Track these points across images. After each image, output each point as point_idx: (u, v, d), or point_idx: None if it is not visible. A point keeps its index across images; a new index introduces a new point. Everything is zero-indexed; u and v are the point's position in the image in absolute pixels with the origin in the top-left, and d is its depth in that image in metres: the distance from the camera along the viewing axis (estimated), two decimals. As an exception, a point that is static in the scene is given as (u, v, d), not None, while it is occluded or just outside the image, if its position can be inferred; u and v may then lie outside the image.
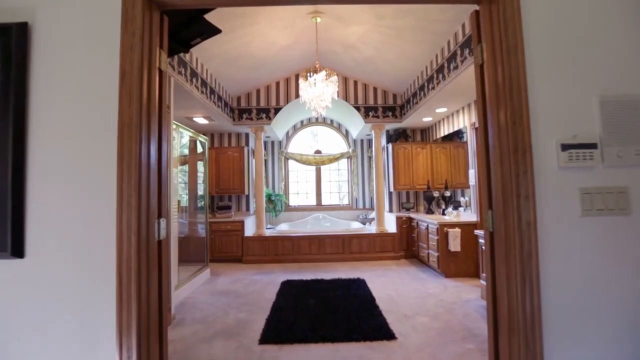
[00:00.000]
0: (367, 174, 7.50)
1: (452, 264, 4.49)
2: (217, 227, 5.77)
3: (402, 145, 6.18)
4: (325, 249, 5.71)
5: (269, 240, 5.71)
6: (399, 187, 6.12)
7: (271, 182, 7.44)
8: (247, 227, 5.93)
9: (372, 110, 5.93)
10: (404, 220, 5.86)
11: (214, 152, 6.19)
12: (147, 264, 1.30)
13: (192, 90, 3.99)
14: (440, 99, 4.48)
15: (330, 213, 7.37)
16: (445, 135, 6.00)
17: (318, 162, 7.40)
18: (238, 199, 6.48)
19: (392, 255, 5.74)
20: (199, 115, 5.08)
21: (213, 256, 5.77)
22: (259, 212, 5.82)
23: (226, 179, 6.15)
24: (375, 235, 5.76)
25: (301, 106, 6.15)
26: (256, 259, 5.69)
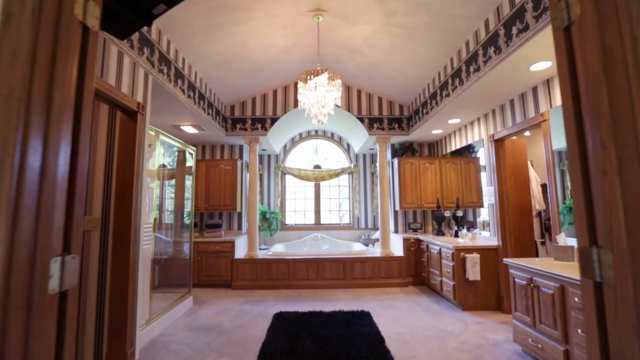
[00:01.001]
0: (369, 191, 6.99)
1: (471, 294, 3.91)
2: (204, 248, 5.19)
3: (408, 160, 5.70)
4: (325, 273, 5.12)
5: (262, 263, 5.13)
6: (405, 206, 5.60)
7: (266, 199, 6.91)
8: (238, 248, 5.36)
9: (377, 121, 5.48)
10: (412, 242, 5.31)
11: (204, 164, 5.69)
12: (27, 334, 0.76)
13: (177, 93, 3.52)
14: (454, 107, 4.03)
15: (330, 233, 6.81)
16: (454, 150, 5.54)
17: (317, 177, 6.90)
18: (229, 217, 5.93)
19: (399, 281, 5.15)
20: (187, 123, 4.60)
21: (199, 280, 5.16)
22: (252, 231, 5.27)
23: (217, 194, 5.62)
24: (380, 259, 5.19)
25: (300, 117, 5.70)
26: (247, 284, 5.09)
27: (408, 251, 5.30)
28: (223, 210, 5.61)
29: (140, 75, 2.77)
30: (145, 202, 3.02)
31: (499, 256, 3.92)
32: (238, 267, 5.13)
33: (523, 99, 3.47)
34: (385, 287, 5.10)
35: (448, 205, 5.56)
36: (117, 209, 2.54)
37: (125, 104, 2.48)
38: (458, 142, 5.15)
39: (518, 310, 2.71)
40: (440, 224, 5.42)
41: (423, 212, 5.98)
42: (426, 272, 4.94)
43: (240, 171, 5.92)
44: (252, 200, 5.32)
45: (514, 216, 4.07)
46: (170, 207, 5.12)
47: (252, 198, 5.33)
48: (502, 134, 3.89)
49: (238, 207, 5.70)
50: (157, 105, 3.77)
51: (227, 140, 5.74)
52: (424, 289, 5.01)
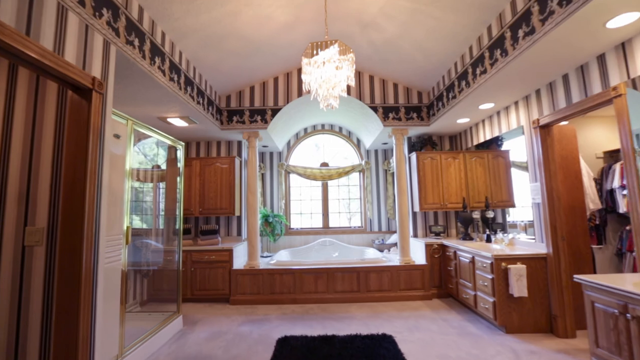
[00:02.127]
0: (383, 190, 6.32)
1: (515, 313, 3.22)
2: (198, 257, 4.57)
3: (428, 155, 5.02)
4: (336, 285, 4.46)
5: (264, 274, 4.49)
6: (426, 207, 4.92)
7: (269, 201, 6.27)
8: (236, 257, 4.72)
9: (393, 111, 4.81)
10: (436, 248, 4.62)
11: (198, 163, 5.07)
12: None
13: (154, 74, 2.89)
14: (490, 89, 3.35)
15: (340, 237, 6.14)
16: (480, 143, 4.85)
17: (325, 176, 6.25)
18: (227, 222, 5.30)
19: (422, 294, 4.47)
20: (174, 114, 3.98)
21: (193, 295, 4.53)
22: (252, 238, 4.63)
23: (212, 196, 5.00)
24: (400, 268, 4.51)
25: (304, 107, 5.05)
26: (247, 299, 4.45)
27: (431, 258, 4.62)
28: (220, 215, 4.98)
29: (96, 43, 2.14)
30: (112, 206, 2.39)
31: (548, 267, 3.23)
32: (237, 279, 4.49)
33: (583, 72, 2.78)
34: (407, 301, 4.42)
35: (474, 206, 4.87)
36: (64, 216, 1.91)
37: (70, 76, 1.85)
38: (488, 132, 4.45)
39: (602, 347, 2.02)
40: (467, 227, 4.73)
41: (445, 213, 5.29)
42: (454, 284, 4.25)
43: (239, 170, 5.29)
44: (252, 203, 4.68)
45: (566, 218, 3.37)
46: (155, 211, 4.51)
47: (252, 200, 4.68)
48: (549, 118, 3.20)
49: (237, 210, 5.06)
50: (133, 90, 3.15)
51: (223, 136, 5.11)
52: (452, 302, 4.32)
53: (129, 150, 2.68)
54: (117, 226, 2.46)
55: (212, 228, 4.88)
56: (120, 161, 2.54)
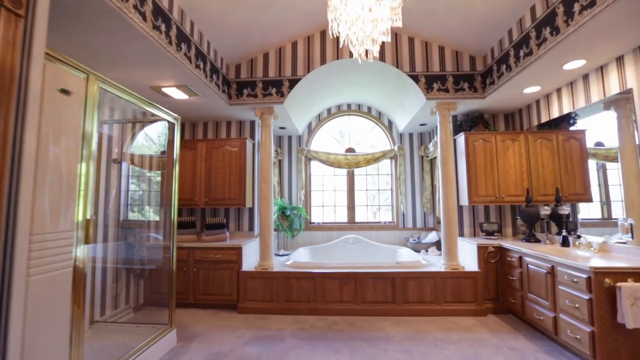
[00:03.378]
0: (418, 180, 5.40)
1: (625, 350, 2.29)
2: (202, 256, 3.87)
3: (480, 136, 4.08)
4: (366, 294, 3.64)
5: (279, 278, 3.73)
6: (476, 200, 3.99)
7: (287, 191, 5.50)
8: (246, 257, 3.99)
9: (438, 80, 3.88)
10: (492, 252, 3.69)
11: (204, 145, 4.35)
12: None
13: (126, 13, 2.14)
14: (598, 30, 2.37)
15: (367, 234, 5.30)
16: (544, 123, 3.87)
17: (351, 164, 5.40)
18: (237, 215, 4.58)
19: (473, 308, 3.57)
20: (168, 82, 3.25)
21: (196, 300, 3.85)
22: (265, 234, 3.87)
23: (220, 184, 4.27)
24: (446, 275, 3.63)
25: (328, 81, 4.21)
26: (258, 307, 3.71)
27: (485, 264, 3.70)
28: (229, 206, 4.26)
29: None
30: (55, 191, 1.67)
31: (675, 286, 2.27)
32: (246, 283, 3.76)
33: None
34: (453, 316, 3.55)
35: (538, 199, 3.90)
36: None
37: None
38: (566, 104, 3.45)
39: None
40: (532, 226, 3.76)
41: (498, 208, 4.32)
42: (518, 298, 3.33)
43: (252, 154, 4.54)
44: (265, 192, 3.91)
45: (702, 217, 2.38)
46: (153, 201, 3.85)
47: (266, 189, 3.92)
48: (683, 73, 2.20)
49: (248, 201, 4.32)
50: (106, 44, 2.41)
51: (233, 114, 4.36)
52: (513, 321, 3.40)
53: (91, 115, 1.95)
54: (65, 219, 1.74)
55: (218, 222, 4.17)
56: (72, 129, 1.81)
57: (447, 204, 3.79)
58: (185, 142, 4.38)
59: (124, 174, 3.67)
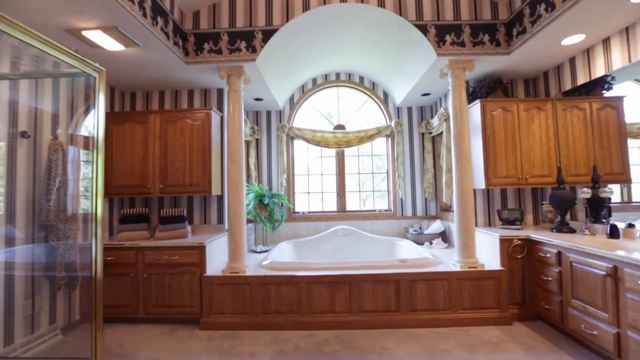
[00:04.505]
0: (418, 161, 4.66)
1: None
2: (155, 258, 3.02)
3: (499, 104, 3.34)
4: (363, 301, 2.90)
5: (253, 284, 2.93)
6: (495, 182, 3.28)
7: (266, 176, 4.67)
8: (212, 257, 3.17)
9: (452, 31, 3.08)
10: (517, 245, 2.99)
11: (158, 118, 3.45)
12: None
13: None
14: None
15: (361, 224, 4.55)
16: (569, 90, 3.20)
17: (341, 143, 4.60)
18: (204, 205, 3.73)
19: (496, 315, 2.88)
20: (90, 22, 2.33)
21: (147, 314, 3.02)
22: (235, 228, 3.04)
23: (179, 167, 3.40)
24: (463, 276, 2.92)
25: (313, 38, 3.34)
26: (226, 322, 2.91)
27: (509, 261, 3.00)
28: (191, 194, 3.40)
29: None
30: None
31: None
32: (212, 292, 2.95)
33: None
34: (473, 326, 2.85)
35: (569, 180, 3.22)
36: None
37: None
38: (617, 58, 2.71)
39: None
40: (565, 213, 3.07)
41: (517, 192, 3.63)
42: (555, 304, 2.64)
43: (219, 130, 3.66)
44: (234, 176, 3.07)
45: None
46: (82, 188, 2.97)
47: (234, 172, 3.07)
48: None
49: (215, 188, 3.47)
50: None
51: (194, 77, 3.46)
52: (546, 330, 2.73)
53: None
54: None
55: (176, 214, 3.31)
56: None
57: (462, 188, 3.05)
58: (134, 115, 3.46)
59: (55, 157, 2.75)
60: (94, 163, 2.12)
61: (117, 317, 3.05)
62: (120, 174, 3.40)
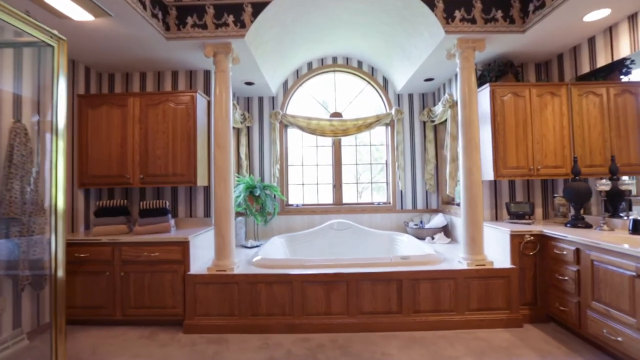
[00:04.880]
0: (419, 151, 4.40)
1: None
2: (133, 255, 2.74)
3: (510, 89, 3.09)
4: (362, 302, 2.65)
5: (241, 283, 2.67)
6: (504, 173, 3.05)
7: (258, 166, 4.38)
8: (197, 254, 2.91)
9: (462, 6, 2.79)
10: (530, 241, 2.76)
11: (138, 102, 3.13)
12: None
13: None
14: None
15: (359, 218, 4.31)
16: (583, 75, 2.96)
17: (337, 131, 4.32)
18: (189, 196, 3.44)
19: (506, 317, 2.66)
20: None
21: (124, 315, 2.75)
22: (222, 222, 2.77)
23: (161, 155, 3.11)
24: (471, 275, 2.68)
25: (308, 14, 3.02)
26: (212, 324, 2.66)
27: (520, 258, 2.77)
28: (175, 184, 3.11)
29: None
30: None
31: None
32: (196, 291, 2.69)
33: None
34: (480, 329, 2.62)
35: (584, 172, 2.98)
36: None
37: None
38: (643, 34, 2.46)
39: None
40: (581, 206, 2.84)
41: (526, 183, 3.39)
42: (572, 306, 2.42)
43: (206, 114, 3.36)
44: (220, 163, 2.78)
45: None
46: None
47: (221, 159, 2.79)
48: None
49: (201, 178, 3.19)
50: None
51: (176, 56, 3.15)
52: (560, 333, 2.52)
53: None
54: None
55: (157, 206, 3.02)
56: None
57: (470, 179, 2.80)
58: (111, 97, 3.15)
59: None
60: (54, 148, 1.83)
61: (92, 320, 2.78)
62: (97, 163, 3.10)
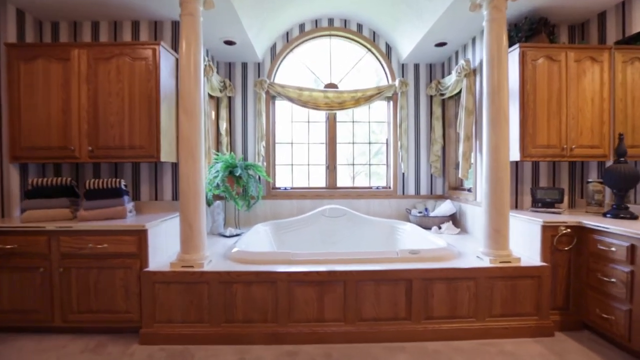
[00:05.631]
0: (424, 129, 3.89)
1: None
2: (75, 245, 2.17)
3: (544, 51, 2.57)
4: (363, 306, 2.16)
5: (212, 282, 2.13)
6: (533, 152, 2.57)
7: (240, 142, 3.80)
8: (158, 247, 2.35)
9: (495, -62, 2.22)
10: (565, 234, 2.28)
11: (84, 55, 2.49)
12: None
13: None
14: None
15: (354, 204, 3.80)
16: (624, 39, 2.45)
17: (333, 104, 3.75)
18: (154, 175, 2.85)
19: (535, 323, 2.21)
20: None
21: (66, 321, 2.20)
22: (188, 205, 2.20)
23: (115, 122, 2.49)
24: (495, 274, 2.20)
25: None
26: (176, 334, 2.13)
27: (553, 254, 2.30)
28: (133, 159, 2.52)
29: None
30: None
31: None
32: (155, 292, 2.14)
33: None
34: (504, 339, 2.17)
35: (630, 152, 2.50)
36: None
37: None
38: None
39: None
40: (625, 194, 2.38)
41: (552, 166, 2.91)
42: (620, 315, 1.96)
43: (174, 75, 2.74)
44: (187, 132, 2.19)
45: None
46: None
47: (188, 127, 2.19)
48: None
49: (166, 152, 2.60)
50: None
51: (137, 1, 2.51)
52: (599, 345, 2.08)
53: None
54: None
55: (108, 186, 2.42)
56: None
57: (496, 158, 2.29)
58: (50, 49, 2.50)
59: None
60: None
61: (24, 327, 2.22)
62: (33, 131, 2.47)
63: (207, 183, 3.13)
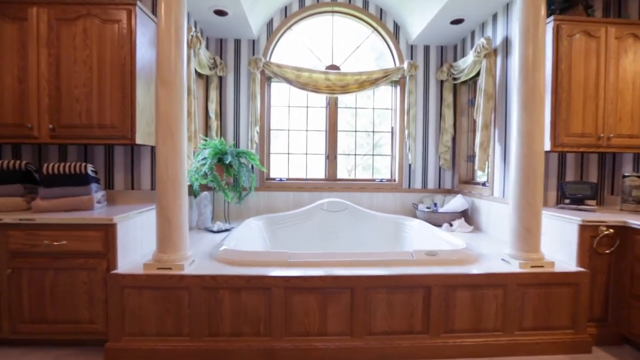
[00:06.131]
0: (433, 117, 3.56)
1: None
2: (28, 242, 1.79)
3: (582, 26, 2.24)
4: (374, 319, 1.83)
5: (193, 288, 1.78)
6: (566, 142, 2.26)
7: (232, 127, 3.43)
8: (129, 245, 1.99)
9: None
10: (607, 235, 1.97)
11: (44, 14, 2.08)
12: None
13: None
14: None
15: (356, 197, 3.47)
16: None
17: (334, 87, 3.39)
18: (131, 159, 2.47)
19: (570, 337, 1.91)
20: None
21: (15, 332, 1.82)
22: (167, 197, 1.84)
23: (81, 95, 2.10)
24: (526, 281, 1.89)
25: None
26: (150, 349, 1.78)
27: (591, 259, 2.00)
28: (101, 141, 2.14)
29: None
30: None
31: None
32: (126, 299, 1.78)
33: None
34: (536, 355, 1.87)
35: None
36: None
37: None
38: None
39: None
40: (673, 189, 2.08)
41: (580, 157, 2.59)
42: (675, 329, 1.68)
43: (154, 44, 2.35)
44: (165, 108, 1.82)
45: None
46: None
47: (166, 101, 1.82)
48: None
49: (143, 133, 2.22)
50: None
51: (106, -51, 2.10)
52: (650, 367, 1.80)
53: None
54: None
55: (71, 171, 2.04)
56: None
57: (529, 146, 1.96)
58: (1, 6, 2.09)
59: None
60: None
61: None
62: None
63: (193, 171, 2.77)
